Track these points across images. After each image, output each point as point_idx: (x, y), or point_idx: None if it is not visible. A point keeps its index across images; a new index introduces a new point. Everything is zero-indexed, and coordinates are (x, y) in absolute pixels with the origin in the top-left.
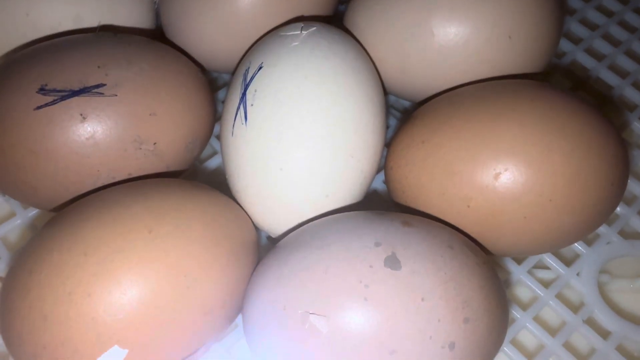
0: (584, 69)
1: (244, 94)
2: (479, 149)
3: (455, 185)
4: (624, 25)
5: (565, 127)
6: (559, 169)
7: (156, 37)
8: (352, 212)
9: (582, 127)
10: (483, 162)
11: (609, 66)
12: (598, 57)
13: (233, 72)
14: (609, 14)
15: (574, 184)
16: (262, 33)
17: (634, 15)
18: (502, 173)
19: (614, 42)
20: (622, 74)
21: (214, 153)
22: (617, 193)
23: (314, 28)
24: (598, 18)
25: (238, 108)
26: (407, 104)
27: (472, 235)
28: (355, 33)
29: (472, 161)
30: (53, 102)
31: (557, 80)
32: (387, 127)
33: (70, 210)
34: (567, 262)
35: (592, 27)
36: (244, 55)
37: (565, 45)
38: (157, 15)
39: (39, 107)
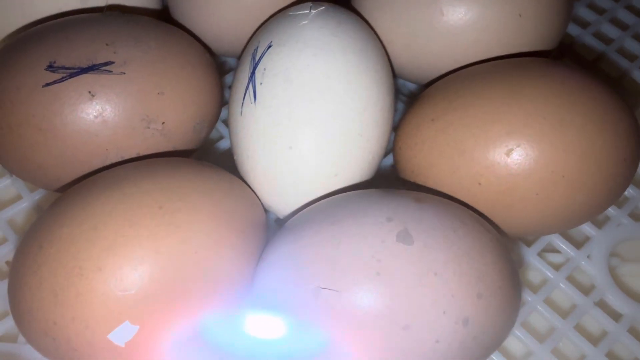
0: (592, 53)
1: (253, 73)
2: (490, 125)
3: (465, 163)
4: (632, 9)
5: (578, 102)
6: (571, 144)
7: (162, 17)
8: (362, 190)
9: (595, 102)
10: (494, 138)
11: (617, 50)
12: (606, 40)
13: (239, 56)
14: None
15: (587, 160)
16: (269, 15)
17: None
18: (514, 149)
19: (622, 26)
20: (631, 57)
21: (221, 137)
22: (630, 170)
23: (323, 7)
24: (605, 3)
25: (247, 87)
26: (413, 87)
27: (484, 213)
28: (363, 13)
29: (483, 138)
30: (61, 80)
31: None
32: (395, 110)
33: (80, 186)
34: (577, 244)
35: (599, 11)
36: (252, 35)
37: (573, 29)
38: None
39: (47, 85)
